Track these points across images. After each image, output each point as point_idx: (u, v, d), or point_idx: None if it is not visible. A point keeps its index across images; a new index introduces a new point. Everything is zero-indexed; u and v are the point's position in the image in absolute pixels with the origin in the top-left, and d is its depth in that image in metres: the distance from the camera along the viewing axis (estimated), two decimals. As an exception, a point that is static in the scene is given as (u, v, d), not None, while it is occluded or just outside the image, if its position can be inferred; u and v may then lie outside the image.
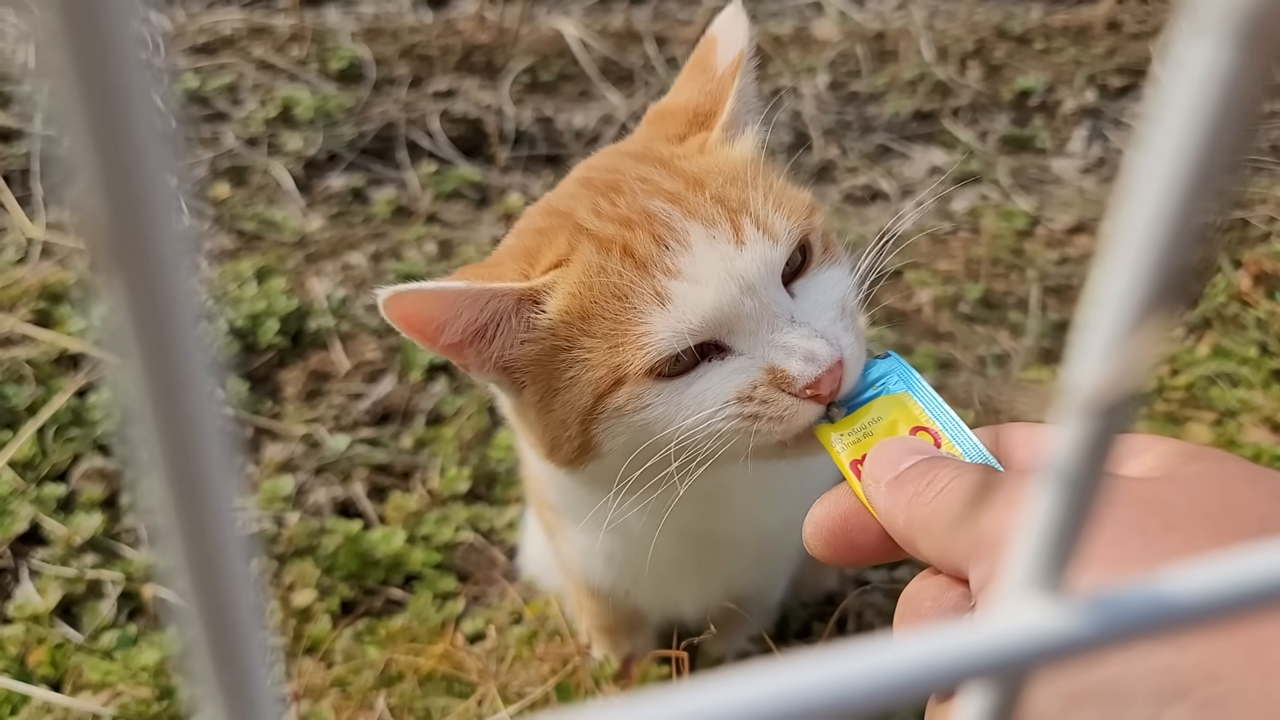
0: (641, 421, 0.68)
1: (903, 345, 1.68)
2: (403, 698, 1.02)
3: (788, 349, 0.65)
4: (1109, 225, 0.15)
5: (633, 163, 0.74)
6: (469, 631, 1.19)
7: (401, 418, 1.53)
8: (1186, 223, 0.15)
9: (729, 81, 0.76)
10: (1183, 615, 0.20)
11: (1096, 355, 0.17)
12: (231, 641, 0.19)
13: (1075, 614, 0.20)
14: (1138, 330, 0.16)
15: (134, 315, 0.15)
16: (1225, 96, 0.14)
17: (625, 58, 2.29)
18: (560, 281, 0.70)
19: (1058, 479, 0.18)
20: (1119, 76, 2.32)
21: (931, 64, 2.32)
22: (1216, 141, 0.14)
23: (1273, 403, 1.47)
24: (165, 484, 0.16)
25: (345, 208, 1.93)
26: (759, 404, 0.66)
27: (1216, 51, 0.14)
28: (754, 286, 0.66)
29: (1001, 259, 1.85)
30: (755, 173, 0.72)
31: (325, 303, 1.68)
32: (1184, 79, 0.14)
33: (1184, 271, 0.16)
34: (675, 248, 0.67)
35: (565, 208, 0.74)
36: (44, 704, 1.08)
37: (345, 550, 1.28)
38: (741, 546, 0.96)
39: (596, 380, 0.68)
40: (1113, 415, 0.17)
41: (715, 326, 0.66)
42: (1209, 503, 0.38)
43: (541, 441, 0.75)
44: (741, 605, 1.05)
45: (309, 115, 2.07)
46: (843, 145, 2.17)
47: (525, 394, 0.74)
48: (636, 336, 0.66)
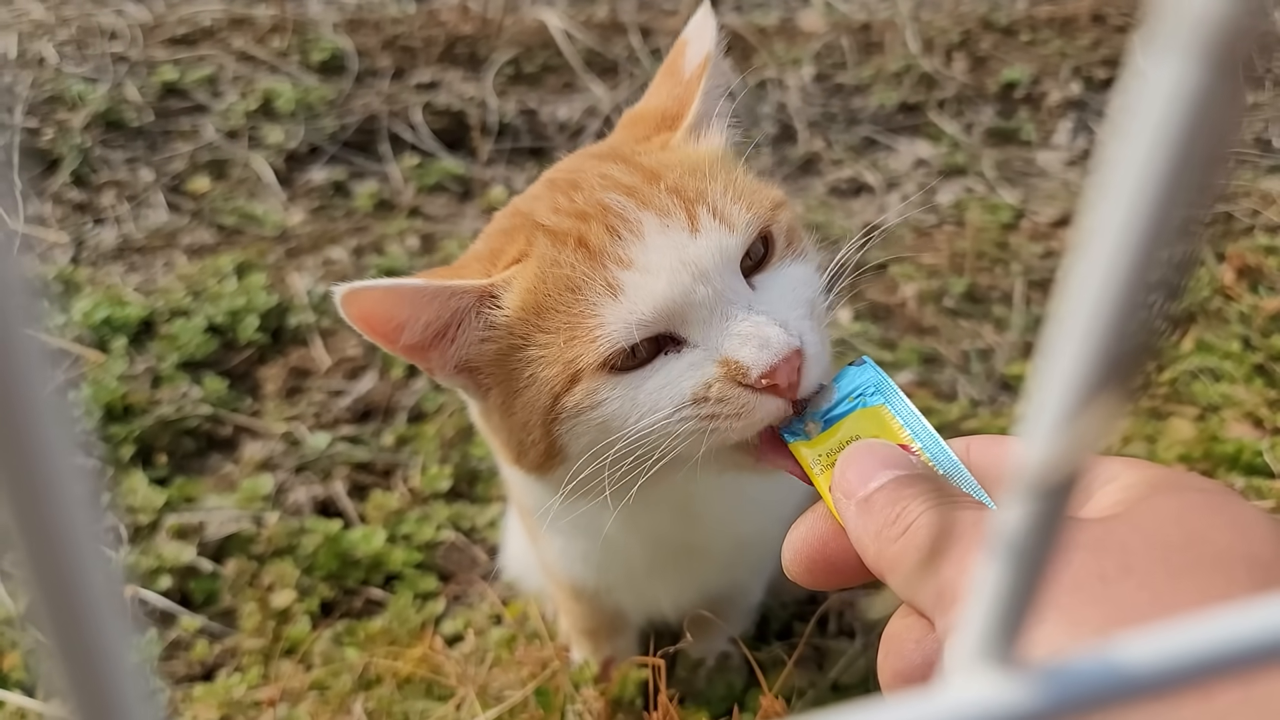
0: (600, 419, 0.67)
1: (887, 339, 1.68)
2: (381, 701, 1.01)
3: (741, 336, 0.63)
4: (1057, 304, 0.14)
5: (595, 162, 0.74)
6: (448, 633, 1.18)
7: (383, 415, 1.52)
8: (1136, 298, 0.14)
9: (695, 84, 0.75)
10: (1134, 686, 0.19)
11: (1046, 432, 0.16)
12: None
13: (1026, 687, 0.19)
14: (1086, 409, 0.15)
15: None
16: (1194, 117, 0.13)
17: (609, 49, 2.27)
18: (517, 277, 0.69)
19: (1007, 552, 0.18)
20: (1104, 68, 2.31)
21: (917, 56, 2.32)
22: (1179, 187, 0.13)
23: (1255, 397, 1.47)
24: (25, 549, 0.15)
25: (327, 201, 1.92)
26: (715, 403, 0.63)
27: (1184, 71, 0.13)
28: (707, 273, 0.65)
29: (986, 252, 1.85)
30: (717, 167, 0.71)
31: (306, 298, 1.67)
32: (1151, 98, 0.13)
33: (1134, 350, 0.15)
34: (628, 238, 0.66)
35: (527, 208, 0.74)
36: (18, 709, 1.07)
37: (325, 550, 1.27)
38: (716, 552, 0.96)
39: (553, 378, 0.67)
40: (1062, 493, 0.16)
41: (668, 317, 0.65)
42: (1166, 539, 0.37)
43: (508, 446, 0.74)
44: (721, 607, 1.05)
45: (290, 107, 2.05)
46: (828, 137, 2.16)
47: (490, 397, 0.74)
48: (589, 329, 0.65)
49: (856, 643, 1.16)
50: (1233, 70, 0.14)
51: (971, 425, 1.48)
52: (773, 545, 0.94)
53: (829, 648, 1.15)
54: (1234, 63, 0.14)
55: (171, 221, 1.84)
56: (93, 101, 1.99)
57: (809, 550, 0.52)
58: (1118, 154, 0.15)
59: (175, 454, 1.43)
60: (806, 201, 1.99)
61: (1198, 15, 0.13)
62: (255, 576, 1.26)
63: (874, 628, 1.18)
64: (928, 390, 1.58)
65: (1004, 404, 1.56)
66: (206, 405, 1.47)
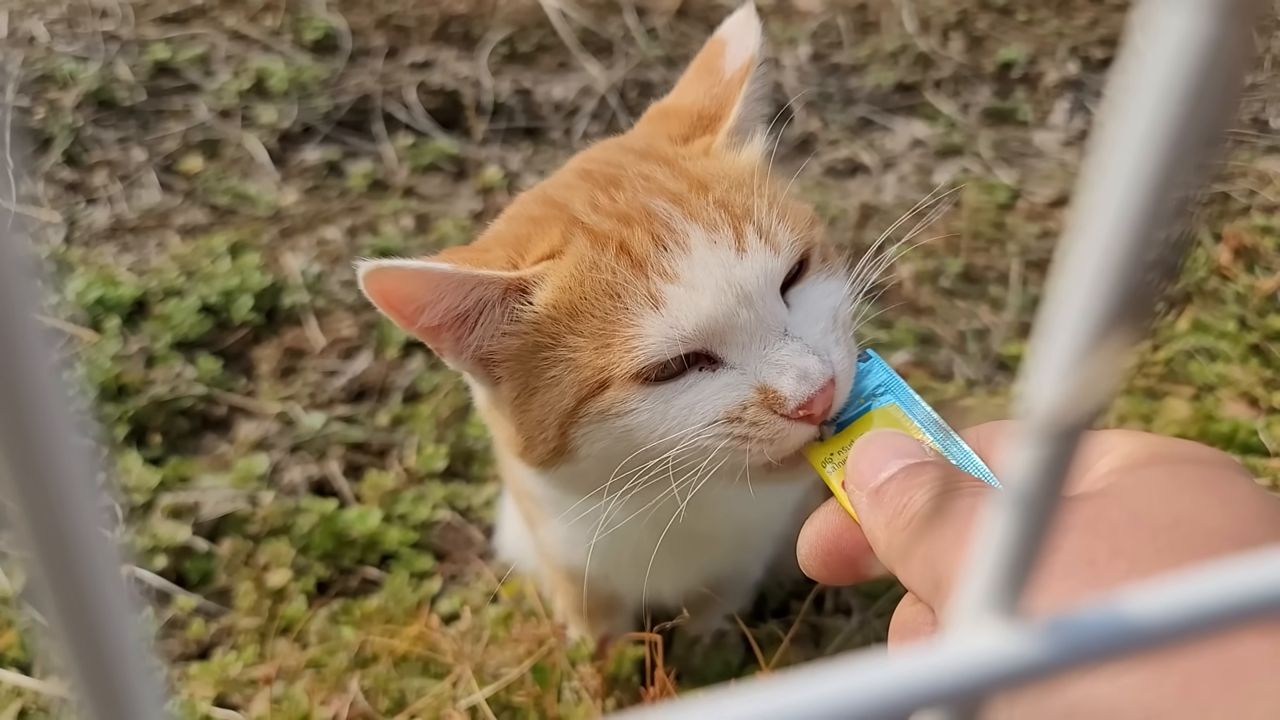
0: (624, 427, 0.66)
1: (883, 320, 1.67)
2: (378, 679, 1.01)
3: (780, 366, 0.63)
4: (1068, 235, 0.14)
5: (635, 159, 0.72)
6: (445, 611, 1.18)
7: (378, 395, 1.51)
8: (1150, 228, 0.14)
9: (736, 86, 0.74)
10: (1141, 637, 0.19)
11: (1053, 375, 0.15)
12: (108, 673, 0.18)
13: (1032, 637, 0.19)
14: (1096, 349, 0.15)
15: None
16: (1203, 68, 0.13)
17: (605, 28, 2.26)
18: (550, 274, 0.67)
19: (1014, 501, 0.17)
20: (1101, 48, 2.30)
21: (914, 35, 2.31)
22: (1192, 125, 0.13)
23: (1250, 377, 1.47)
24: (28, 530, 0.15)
25: (320, 181, 1.91)
26: (749, 425, 0.64)
27: (1194, 21, 0.13)
28: (751, 297, 0.64)
29: (982, 233, 1.84)
30: (761, 181, 0.69)
31: (300, 278, 1.66)
32: (1160, 49, 0.13)
33: (1149, 280, 0.15)
34: (674, 250, 0.65)
35: (561, 198, 0.71)
36: (14, 688, 1.06)
37: (321, 529, 1.27)
38: (720, 538, 0.95)
39: (581, 381, 0.66)
40: (1070, 437, 0.16)
41: (708, 336, 0.64)
42: (1155, 518, 0.37)
43: (515, 439, 0.73)
44: (719, 585, 1.05)
45: (283, 87, 2.04)
46: (824, 117, 2.15)
47: (502, 388, 0.72)
48: (626, 339, 0.64)
49: (853, 620, 1.16)
50: (1243, 19, 0.13)
51: (968, 405, 1.48)
52: (776, 530, 0.94)
53: (825, 625, 1.15)
54: (1245, 11, 0.13)
55: (164, 201, 1.83)
56: (84, 80, 1.98)
57: (823, 544, 0.52)
58: (1129, 101, 0.14)
59: (169, 434, 1.43)
60: (803, 182, 1.98)
61: None
62: (250, 556, 1.25)
63: (870, 605, 1.18)
64: (924, 370, 1.58)
65: (1000, 384, 1.56)
66: (201, 385, 1.47)
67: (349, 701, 0.98)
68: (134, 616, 0.18)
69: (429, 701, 0.97)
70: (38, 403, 0.15)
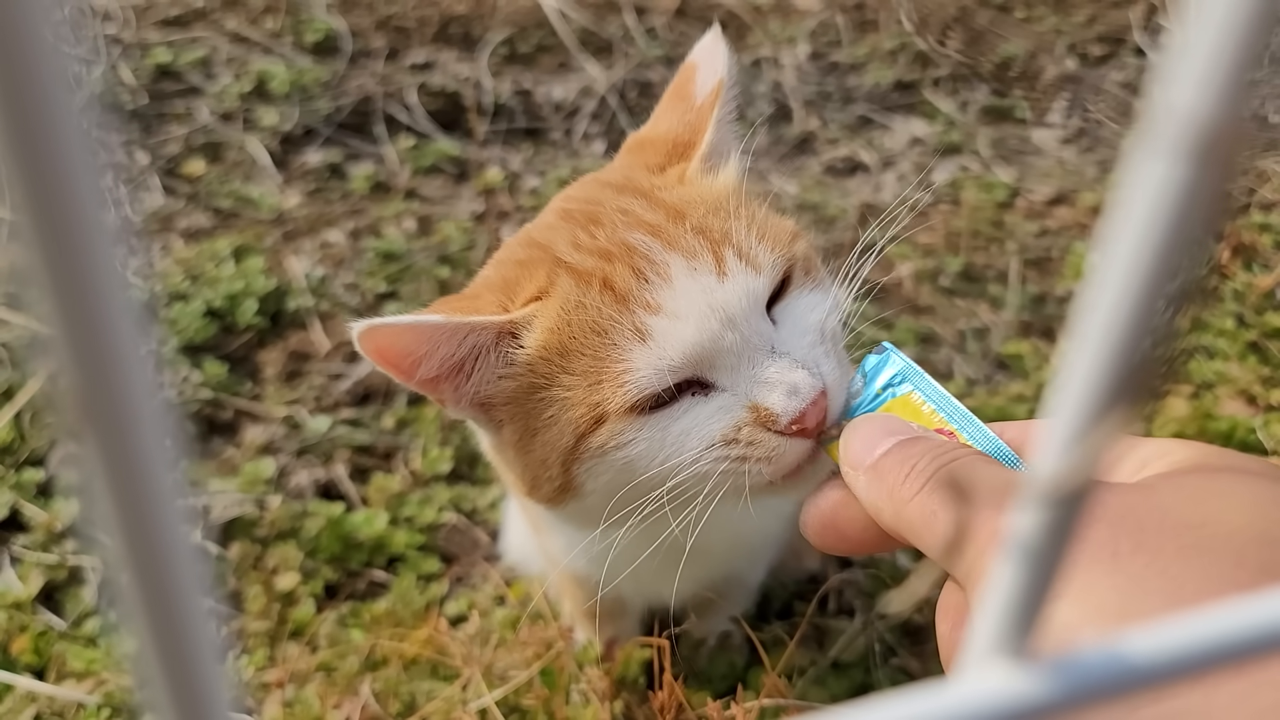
0: (624, 459, 0.67)
1: (883, 319, 1.69)
2: (388, 683, 1.03)
3: (769, 384, 0.64)
4: (1074, 315, 0.15)
5: (613, 194, 0.73)
6: (452, 613, 1.19)
7: (383, 398, 1.53)
8: (1143, 321, 0.15)
9: (708, 111, 0.74)
10: (1144, 676, 0.20)
11: (1059, 447, 0.17)
12: (182, 651, 0.19)
13: (1039, 679, 0.20)
14: (1098, 425, 0.16)
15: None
16: (1180, 210, 0.14)
17: (604, 28, 2.27)
18: (539, 315, 0.68)
19: (1020, 556, 0.18)
20: (1099, 45, 2.31)
21: (912, 33, 2.31)
22: (1171, 248, 0.14)
23: (1249, 375, 1.48)
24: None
25: (323, 184, 1.92)
26: (745, 445, 0.64)
27: (1171, 169, 0.14)
28: (735, 320, 0.65)
29: (982, 231, 1.85)
30: (738, 203, 0.70)
31: (304, 281, 1.67)
32: (1140, 194, 0.14)
33: (1144, 367, 0.16)
34: (655, 281, 0.65)
35: (545, 239, 0.72)
36: (28, 693, 1.08)
37: (328, 533, 1.29)
38: (722, 549, 0.96)
39: (577, 420, 0.67)
40: (1073, 503, 0.17)
41: (696, 362, 0.65)
42: (1181, 516, 0.38)
43: (521, 480, 0.74)
44: (723, 588, 1.06)
45: (284, 89, 2.04)
46: (823, 116, 2.16)
47: (504, 432, 0.73)
48: (617, 374, 0.65)
49: (856, 621, 1.18)
50: (1217, 165, 0.15)
51: (968, 404, 1.49)
52: (778, 536, 0.94)
53: (829, 626, 1.17)
54: (1218, 159, 0.14)
55: (167, 205, 1.84)
56: (86, 84, 1.98)
57: (820, 515, 0.55)
58: (1113, 238, 0.16)
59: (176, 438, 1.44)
60: (802, 181, 2.00)
61: (1184, 117, 0.14)
62: (259, 560, 1.27)
63: (872, 606, 1.19)
64: (924, 369, 1.59)
65: (1000, 382, 1.57)
66: (206, 389, 1.48)
67: (360, 705, 1.00)
68: (205, 598, 0.19)
69: (439, 704, 0.99)
70: (133, 392, 0.16)
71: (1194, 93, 0.14)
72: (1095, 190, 1.95)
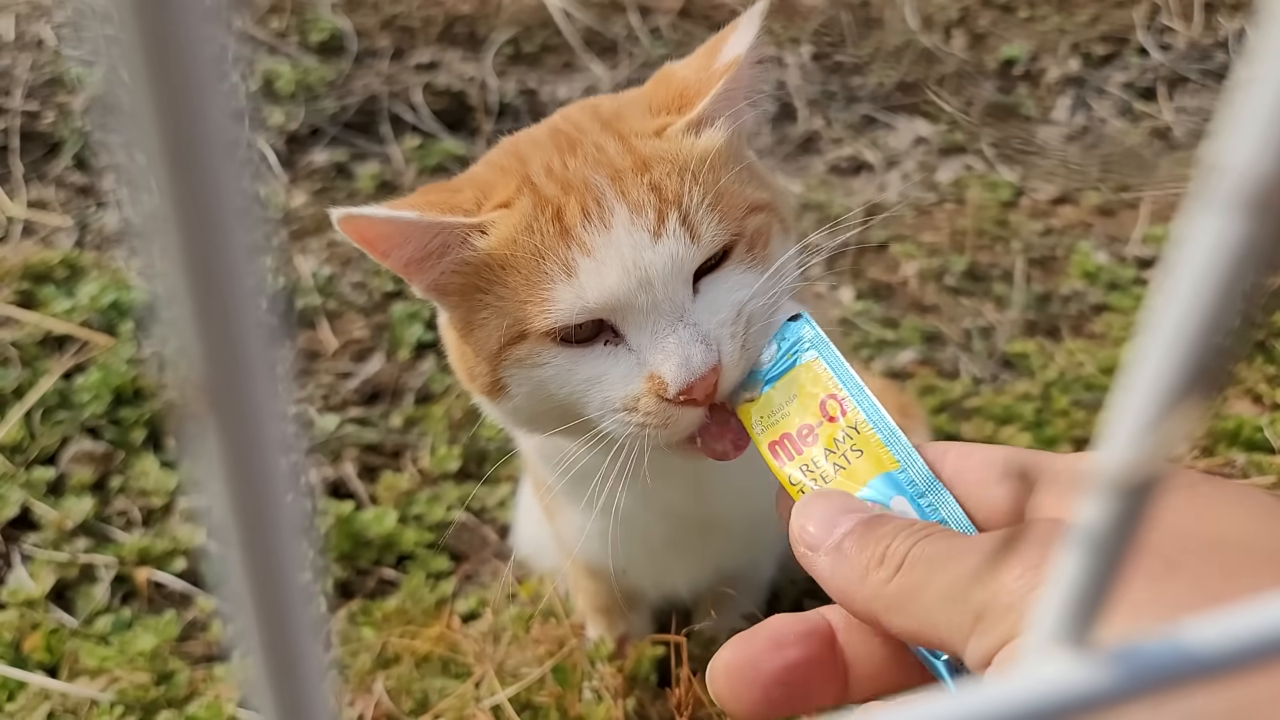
0: (539, 378, 0.72)
1: (889, 318, 1.69)
2: (400, 680, 1.03)
3: (666, 352, 0.67)
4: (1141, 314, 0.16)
5: (598, 128, 0.76)
6: (463, 611, 1.20)
7: (390, 396, 1.53)
8: (1216, 319, 0.16)
9: (714, 81, 0.75)
10: (1203, 666, 0.20)
11: (1128, 437, 0.17)
12: (284, 625, 0.19)
13: (1100, 667, 0.20)
14: (1169, 415, 0.17)
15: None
16: (1236, 263, 0.15)
17: (609, 28, 2.27)
18: (498, 224, 0.72)
19: (1086, 546, 0.19)
20: (1102, 44, 2.32)
21: (916, 32, 2.32)
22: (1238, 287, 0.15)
23: (1255, 374, 1.49)
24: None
25: (329, 183, 1.92)
26: (643, 414, 0.69)
27: (1226, 222, 0.14)
28: (653, 282, 0.68)
29: (986, 230, 1.86)
30: (706, 169, 0.72)
31: (311, 280, 1.68)
32: (1197, 247, 0.15)
33: (1217, 358, 0.16)
34: (597, 225, 0.69)
35: (525, 155, 0.76)
36: (41, 690, 1.08)
37: (337, 531, 1.29)
38: (732, 528, 0.97)
39: (504, 329, 0.71)
40: (1141, 493, 0.17)
41: (610, 311, 0.69)
42: (1202, 535, 0.38)
43: (460, 366, 0.79)
44: (734, 584, 1.07)
45: (290, 89, 2.05)
46: (827, 116, 2.16)
47: (453, 318, 0.78)
48: (541, 299, 0.69)
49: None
50: (1274, 219, 0.15)
51: (974, 403, 1.50)
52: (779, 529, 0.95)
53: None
54: (1275, 213, 0.15)
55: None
56: (92, 84, 1.99)
57: (738, 669, 0.49)
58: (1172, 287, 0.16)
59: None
60: (807, 180, 2.00)
61: (1240, 173, 0.14)
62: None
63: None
64: (930, 369, 1.60)
65: (1005, 381, 1.57)
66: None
67: (374, 702, 1.00)
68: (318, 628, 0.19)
69: (453, 702, 0.99)
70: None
71: (1251, 150, 0.15)
72: (1099, 189, 1.96)
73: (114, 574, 1.25)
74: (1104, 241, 1.84)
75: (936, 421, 1.47)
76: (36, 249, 1.68)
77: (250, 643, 0.18)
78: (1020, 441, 1.42)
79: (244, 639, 0.18)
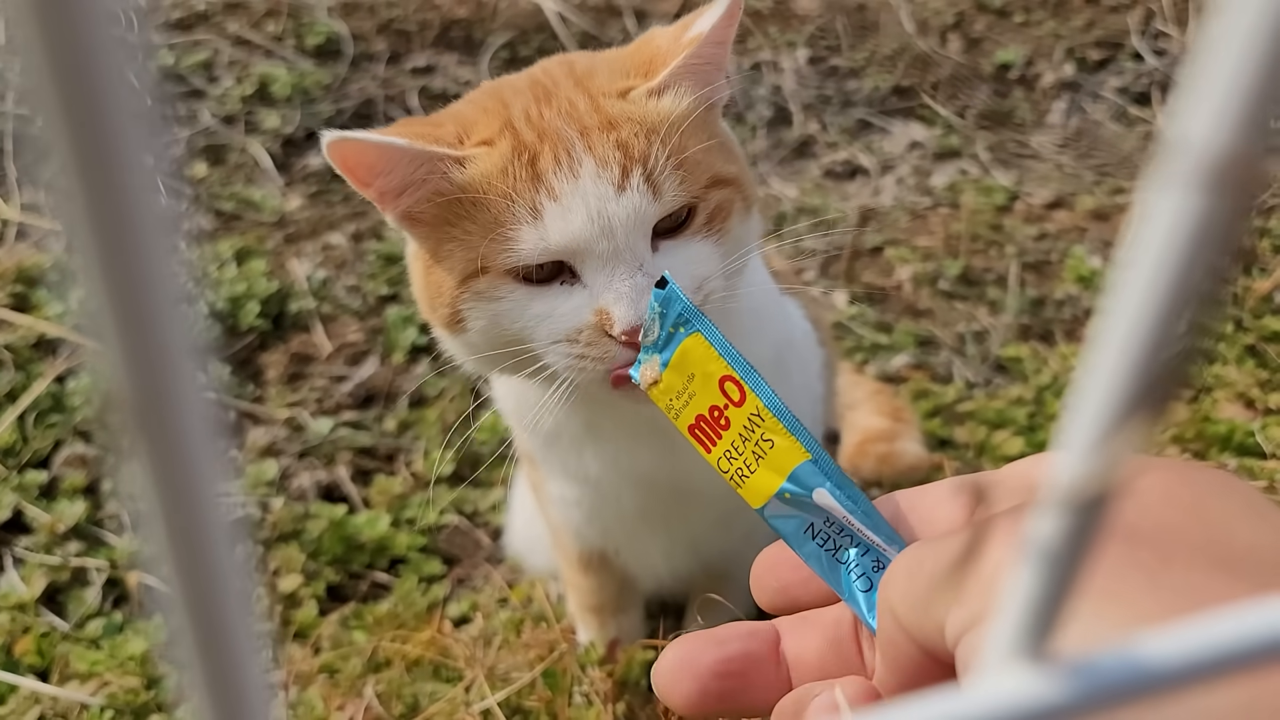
0: (494, 312, 0.76)
1: (882, 322, 1.69)
2: (391, 684, 1.03)
3: (618, 293, 0.72)
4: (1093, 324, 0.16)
5: (572, 84, 0.79)
6: (454, 615, 1.20)
7: (384, 400, 1.53)
8: (1164, 331, 0.16)
9: (676, 54, 0.77)
10: (1160, 679, 0.21)
11: (1080, 452, 0.17)
12: (217, 629, 0.19)
13: (1057, 680, 0.20)
14: (1121, 428, 0.17)
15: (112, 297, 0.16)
16: (1197, 240, 0.15)
17: (605, 32, 2.27)
18: (479, 159, 0.74)
19: (1040, 560, 0.19)
20: (1097, 49, 2.32)
21: (912, 37, 2.32)
22: (1188, 273, 0.15)
23: (1247, 378, 1.49)
24: (149, 475, 0.17)
25: (324, 186, 1.92)
26: (584, 346, 0.74)
27: (1186, 199, 0.14)
28: (614, 230, 0.72)
29: (981, 235, 1.86)
30: (671, 132, 0.75)
31: (306, 284, 1.68)
32: (1156, 225, 0.15)
33: (1167, 373, 0.16)
34: (566, 174, 0.73)
35: (508, 100, 0.79)
36: (32, 694, 1.08)
37: (330, 534, 1.29)
38: (704, 498, 0.97)
39: (466, 262, 0.75)
40: (1094, 508, 0.18)
41: (570, 254, 0.73)
42: (1189, 528, 0.38)
43: (423, 297, 0.82)
44: (722, 585, 1.07)
45: (286, 92, 2.05)
46: (823, 120, 2.16)
47: (422, 247, 0.80)
48: (506, 237, 0.73)
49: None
50: (1233, 195, 0.15)
51: (967, 408, 1.50)
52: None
53: (829, 628, 1.17)
54: (1234, 189, 0.15)
55: (169, 208, 1.84)
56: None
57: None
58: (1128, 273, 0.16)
59: (179, 440, 1.44)
60: (802, 184, 2.00)
61: (1198, 148, 0.14)
62: (261, 561, 1.27)
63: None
64: (923, 373, 1.60)
65: (999, 386, 1.57)
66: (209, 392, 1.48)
67: (364, 706, 1.00)
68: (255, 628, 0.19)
69: (443, 706, 0.99)
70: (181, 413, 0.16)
71: (1210, 124, 0.15)
72: (1094, 194, 1.96)
73: (105, 578, 1.25)
74: (1098, 246, 1.84)
75: (930, 426, 1.47)
76: (30, 252, 1.68)
77: (191, 676, 0.18)
78: (1014, 446, 1.42)
79: (182, 664, 0.18)
